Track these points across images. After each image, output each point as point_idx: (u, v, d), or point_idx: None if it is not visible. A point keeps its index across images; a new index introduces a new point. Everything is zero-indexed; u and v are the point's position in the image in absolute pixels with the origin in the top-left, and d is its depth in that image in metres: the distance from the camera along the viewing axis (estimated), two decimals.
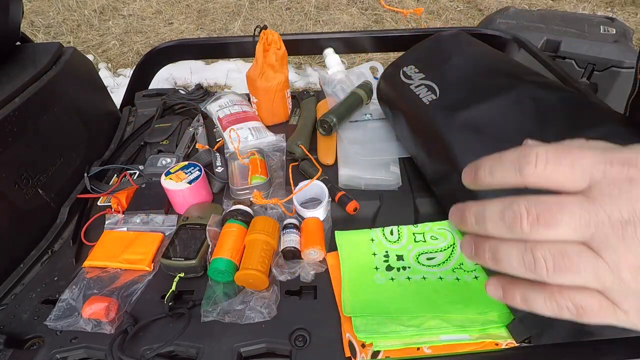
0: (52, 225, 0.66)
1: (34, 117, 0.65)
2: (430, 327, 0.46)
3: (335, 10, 2.78)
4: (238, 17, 2.75)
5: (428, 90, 0.62)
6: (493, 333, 0.45)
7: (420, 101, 0.61)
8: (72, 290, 0.54)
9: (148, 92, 0.94)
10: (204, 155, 0.75)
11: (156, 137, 0.79)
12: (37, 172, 0.64)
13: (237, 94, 0.87)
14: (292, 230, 0.57)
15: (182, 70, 2.18)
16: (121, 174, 0.73)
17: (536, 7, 2.66)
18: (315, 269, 0.54)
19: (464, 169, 0.24)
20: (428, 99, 0.61)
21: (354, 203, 0.61)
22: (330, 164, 0.71)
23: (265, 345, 0.47)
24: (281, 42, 0.77)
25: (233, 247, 0.54)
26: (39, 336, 0.50)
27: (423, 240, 0.57)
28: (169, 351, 0.48)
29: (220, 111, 0.80)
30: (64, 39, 2.62)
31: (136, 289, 0.54)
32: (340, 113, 0.73)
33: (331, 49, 0.91)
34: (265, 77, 0.77)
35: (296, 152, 0.72)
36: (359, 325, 0.46)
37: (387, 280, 0.52)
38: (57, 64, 0.74)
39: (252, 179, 0.65)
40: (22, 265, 0.60)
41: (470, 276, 0.52)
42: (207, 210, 0.62)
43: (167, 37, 2.61)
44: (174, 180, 0.62)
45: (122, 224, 0.63)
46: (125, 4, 2.96)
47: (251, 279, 0.51)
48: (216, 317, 0.49)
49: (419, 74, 0.65)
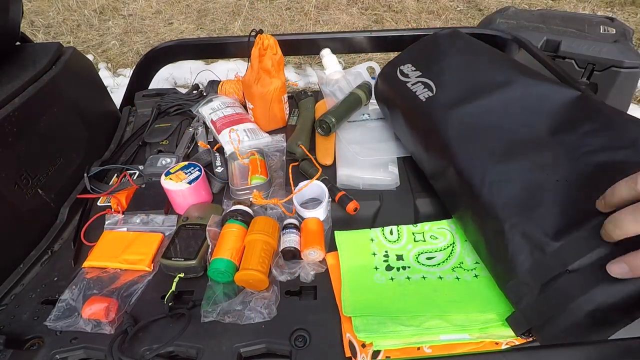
0: (52, 225, 0.66)
1: (34, 117, 0.65)
2: (430, 326, 0.46)
3: (335, 10, 2.78)
4: (238, 17, 2.75)
5: (425, 87, 0.62)
6: (493, 332, 0.45)
7: (417, 98, 0.61)
8: (72, 291, 0.54)
9: (148, 92, 0.94)
10: (204, 155, 0.75)
11: (156, 137, 0.79)
12: (37, 172, 0.64)
13: (227, 97, 0.87)
14: (292, 231, 0.57)
15: (182, 70, 2.18)
16: (121, 174, 0.73)
17: (536, 7, 2.66)
18: (315, 269, 0.54)
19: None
20: (424, 95, 0.61)
21: (354, 203, 0.61)
22: (328, 164, 0.71)
23: (265, 345, 0.47)
24: (277, 46, 0.74)
25: (233, 247, 0.54)
26: (39, 336, 0.50)
27: (423, 240, 0.57)
28: (169, 351, 0.48)
29: (213, 114, 0.79)
30: (64, 39, 2.62)
31: (136, 289, 0.54)
32: (339, 113, 0.73)
33: (328, 49, 0.91)
34: (262, 83, 0.75)
35: (296, 152, 0.72)
36: (359, 325, 0.46)
37: (387, 280, 0.52)
38: (57, 64, 0.74)
39: (252, 179, 0.65)
40: (22, 265, 0.60)
41: (470, 275, 0.52)
42: (207, 210, 0.62)
43: (167, 37, 2.61)
44: (174, 180, 0.62)
45: (122, 224, 0.63)
46: (125, 4, 2.96)
47: (251, 280, 0.51)
48: (216, 317, 0.49)
49: (416, 72, 0.65)
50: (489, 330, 0.45)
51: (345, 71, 0.90)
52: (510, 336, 0.45)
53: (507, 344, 0.45)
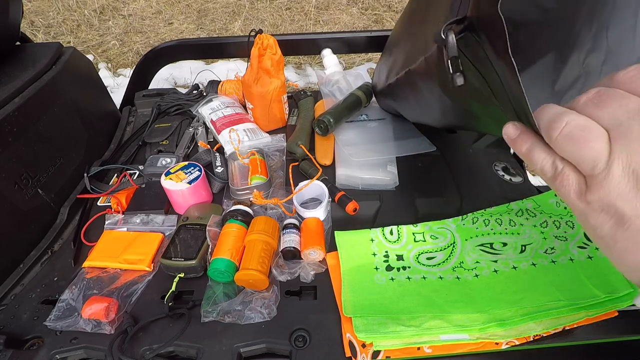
0: (52, 225, 0.66)
1: (34, 117, 0.65)
2: (431, 327, 0.46)
3: (335, 10, 2.78)
4: (238, 17, 2.75)
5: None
6: (493, 333, 0.45)
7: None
8: (72, 291, 0.54)
9: (148, 92, 0.94)
10: (204, 155, 0.75)
11: (156, 137, 0.79)
12: (37, 172, 0.64)
13: (227, 97, 0.87)
14: (292, 231, 0.57)
15: (182, 70, 2.18)
16: (121, 174, 0.73)
17: None
18: (315, 269, 0.54)
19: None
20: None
21: (354, 203, 0.61)
22: (327, 164, 0.71)
23: (265, 345, 0.47)
24: (277, 46, 0.74)
25: (233, 247, 0.54)
26: (39, 336, 0.50)
27: (423, 240, 0.57)
28: (169, 351, 0.48)
29: (213, 114, 0.79)
30: (64, 39, 2.62)
31: (136, 289, 0.54)
32: (338, 113, 0.73)
33: (329, 49, 0.91)
34: (261, 83, 0.75)
35: (296, 152, 0.72)
36: (359, 325, 0.46)
37: (387, 280, 0.52)
38: (57, 64, 0.74)
39: (252, 179, 0.65)
40: (22, 265, 0.59)
41: (471, 274, 0.52)
42: (207, 210, 0.62)
43: (167, 37, 2.61)
44: (174, 180, 0.62)
45: (122, 224, 0.63)
46: (125, 4, 2.96)
47: (251, 279, 0.51)
48: (216, 317, 0.49)
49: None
50: (489, 330, 0.45)
51: (345, 72, 0.90)
52: (510, 336, 0.45)
53: (507, 344, 0.45)
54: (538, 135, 0.26)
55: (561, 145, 0.24)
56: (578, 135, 0.23)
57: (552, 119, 0.25)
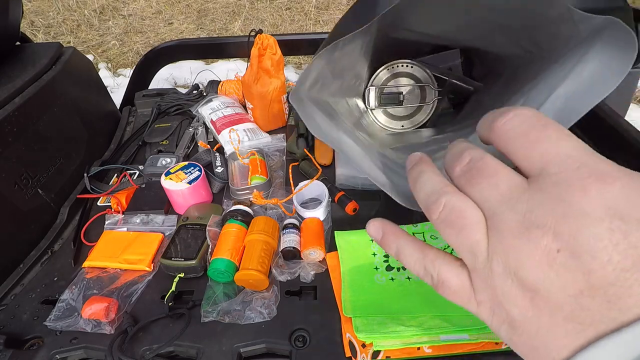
0: (52, 225, 0.66)
1: (34, 117, 0.65)
2: (431, 327, 0.46)
3: (335, 10, 2.78)
4: (238, 17, 2.75)
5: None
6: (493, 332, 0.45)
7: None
8: (72, 291, 0.54)
9: (148, 92, 0.94)
10: (204, 155, 0.75)
11: (156, 137, 0.79)
12: (37, 172, 0.64)
13: (227, 97, 0.87)
14: (292, 231, 0.57)
15: (182, 70, 2.18)
16: (121, 174, 0.73)
17: None
18: (315, 269, 0.54)
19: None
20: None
21: (354, 203, 0.61)
22: (327, 164, 0.71)
23: (265, 345, 0.47)
24: (277, 46, 0.74)
25: (233, 247, 0.54)
26: (39, 336, 0.50)
27: (423, 240, 0.57)
28: (169, 351, 0.48)
29: (212, 114, 0.79)
30: (64, 39, 2.62)
31: (136, 289, 0.54)
32: None
33: None
34: (261, 83, 0.75)
35: (296, 152, 0.72)
36: (359, 325, 0.46)
37: (388, 280, 0.52)
38: (57, 64, 0.74)
39: (252, 179, 0.65)
40: (22, 265, 0.59)
41: None
42: (207, 210, 0.62)
43: (167, 37, 2.61)
44: (174, 180, 0.62)
45: (122, 224, 0.63)
46: (125, 4, 2.96)
47: (251, 280, 0.51)
48: (216, 317, 0.49)
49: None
50: (489, 330, 0.45)
51: None
52: None
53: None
54: (402, 232, 0.24)
55: (442, 231, 0.20)
56: (454, 221, 0.19)
57: (430, 198, 0.21)
